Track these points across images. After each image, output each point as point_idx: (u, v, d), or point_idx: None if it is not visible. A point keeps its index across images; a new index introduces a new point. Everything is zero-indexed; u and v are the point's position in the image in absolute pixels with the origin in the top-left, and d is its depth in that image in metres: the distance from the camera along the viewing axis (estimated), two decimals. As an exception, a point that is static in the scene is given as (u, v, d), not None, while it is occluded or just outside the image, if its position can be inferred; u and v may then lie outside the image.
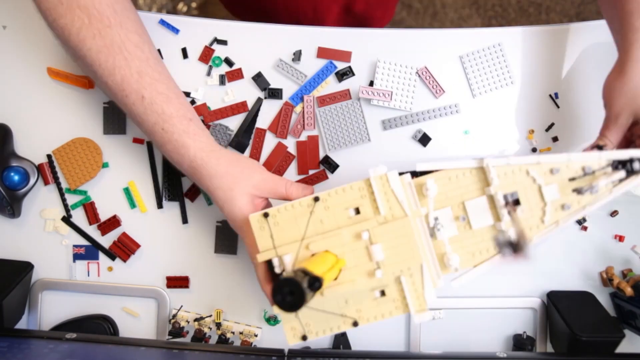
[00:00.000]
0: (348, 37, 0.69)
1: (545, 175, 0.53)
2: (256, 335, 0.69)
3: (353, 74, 0.69)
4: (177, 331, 0.69)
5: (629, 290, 0.66)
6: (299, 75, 0.68)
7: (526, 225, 0.54)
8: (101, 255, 0.70)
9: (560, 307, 0.68)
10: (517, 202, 0.53)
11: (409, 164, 0.66)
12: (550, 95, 0.70)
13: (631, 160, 0.52)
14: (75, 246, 0.70)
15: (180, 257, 0.70)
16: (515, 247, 0.47)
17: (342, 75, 0.68)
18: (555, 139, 0.70)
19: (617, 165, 0.53)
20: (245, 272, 0.70)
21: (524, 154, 0.70)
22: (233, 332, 0.69)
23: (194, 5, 1.58)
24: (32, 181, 0.68)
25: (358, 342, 0.70)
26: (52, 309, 0.70)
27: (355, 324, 0.54)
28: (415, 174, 0.54)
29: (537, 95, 0.70)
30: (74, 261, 0.70)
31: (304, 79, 0.68)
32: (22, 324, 0.69)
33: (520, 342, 0.69)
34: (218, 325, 0.69)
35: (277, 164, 0.68)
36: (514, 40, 0.69)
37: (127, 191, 0.69)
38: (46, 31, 0.68)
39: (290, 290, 0.42)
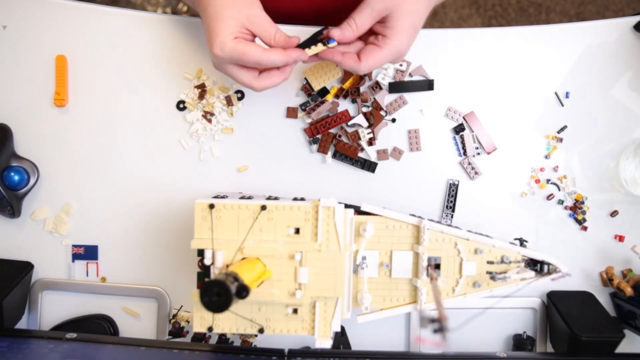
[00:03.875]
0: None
1: (469, 252, 0.59)
2: (256, 335, 0.69)
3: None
4: (177, 331, 0.69)
5: (629, 290, 0.66)
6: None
7: (438, 291, 0.58)
8: (100, 256, 0.70)
9: (560, 307, 0.68)
10: (438, 267, 0.59)
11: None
12: (555, 93, 0.70)
13: (542, 263, 0.59)
14: (74, 246, 0.70)
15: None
16: (436, 326, 0.48)
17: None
18: (559, 140, 0.70)
19: (530, 263, 0.60)
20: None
21: (534, 155, 0.70)
22: (233, 332, 0.69)
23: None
24: (32, 181, 0.68)
25: (358, 342, 0.70)
26: (52, 309, 0.70)
27: (261, 330, 0.56)
28: (358, 211, 0.58)
29: (537, 95, 0.70)
30: (73, 261, 0.70)
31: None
32: (22, 324, 0.69)
33: (520, 342, 0.69)
34: (218, 325, 0.69)
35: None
36: (514, 40, 0.69)
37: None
38: (47, 31, 0.68)
39: (218, 292, 0.43)
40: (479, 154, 0.70)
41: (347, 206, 0.56)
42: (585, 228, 0.71)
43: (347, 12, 0.57)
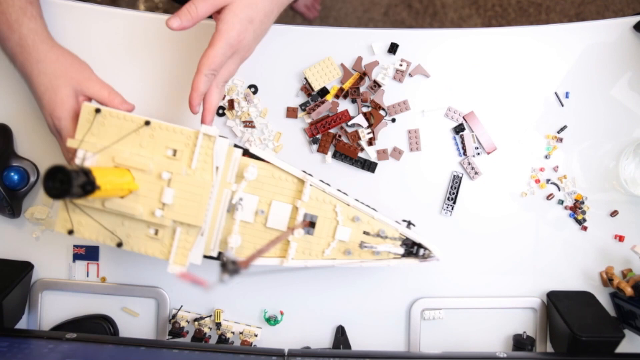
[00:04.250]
0: (350, 37, 0.69)
1: (347, 218, 0.58)
2: (256, 335, 0.69)
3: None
4: (177, 331, 0.69)
5: (628, 290, 0.66)
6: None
7: (308, 248, 0.58)
8: (101, 257, 0.70)
9: (560, 307, 0.68)
10: (312, 225, 0.58)
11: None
12: (555, 93, 0.70)
13: (419, 245, 0.58)
14: (75, 246, 0.70)
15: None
16: (232, 266, 0.45)
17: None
18: (559, 140, 0.70)
19: (406, 242, 0.59)
20: (245, 272, 0.70)
21: (536, 153, 0.70)
22: (233, 332, 0.69)
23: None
24: (32, 181, 0.68)
25: (358, 342, 0.70)
26: (52, 309, 0.70)
27: (119, 244, 0.56)
28: (247, 153, 0.58)
29: (537, 95, 0.70)
30: (73, 261, 0.70)
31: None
32: (22, 324, 0.69)
33: (520, 342, 0.69)
34: (218, 325, 0.69)
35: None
36: (514, 40, 0.69)
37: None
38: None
39: (62, 180, 0.43)
40: (478, 154, 0.70)
41: (237, 146, 0.57)
42: (585, 228, 0.71)
43: None
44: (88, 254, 0.70)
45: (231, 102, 0.68)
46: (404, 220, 0.61)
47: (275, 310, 0.70)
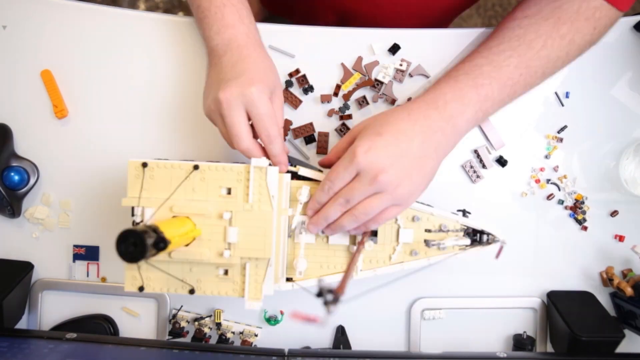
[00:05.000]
0: (348, 37, 0.69)
1: (407, 220, 0.59)
2: (256, 335, 0.69)
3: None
4: (177, 331, 0.69)
5: (629, 290, 0.66)
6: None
7: (375, 257, 0.59)
8: (101, 257, 0.70)
9: (560, 307, 0.68)
10: (374, 234, 0.58)
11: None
12: (556, 93, 0.70)
13: (482, 232, 0.59)
14: (75, 246, 0.70)
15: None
16: (330, 296, 0.45)
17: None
18: (560, 140, 0.70)
19: (469, 232, 0.59)
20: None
21: (536, 154, 0.70)
22: (233, 332, 0.69)
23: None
24: (32, 181, 0.68)
25: (358, 342, 0.70)
26: (52, 309, 0.70)
27: (192, 291, 0.56)
28: (295, 176, 0.58)
29: (537, 95, 0.70)
30: (73, 261, 0.70)
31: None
32: (22, 324, 0.69)
33: (520, 342, 0.69)
34: (218, 325, 0.69)
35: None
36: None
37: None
38: (46, 31, 0.68)
39: (134, 242, 0.42)
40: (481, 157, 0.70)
41: (288, 172, 0.57)
42: (585, 228, 0.71)
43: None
44: (88, 254, 0.70)
45: None
46: (459, 210, 0.61)
47: (275, 310, 0.70)
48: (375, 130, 0.53)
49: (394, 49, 0.68)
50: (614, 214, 0.71)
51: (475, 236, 0.59)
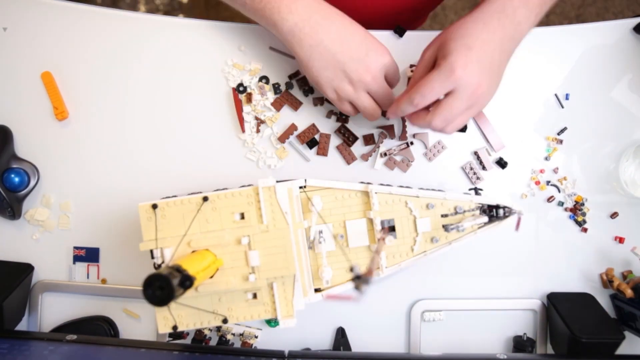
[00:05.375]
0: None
1: (421, 209, 0.59)
2: (256, 337, 0.69)
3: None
4: (177, 333, 0.69)
5: (629, 292, 0.66)
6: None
7: (397, 251, 0.59)
8: (101, 259, 0.70)
9: (560, 308, 0.68)
10: (392, 229, 0.58)
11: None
12: (555, 95, 0.70)
13: (497, 207, 0.59)
14: (75, 248, 0.70)
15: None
16: (359, 280, 0.47)
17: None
18: (559, 142, 0.70)
19: (485, 209, 0.59)
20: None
21: (536, 155, 0.70)
22: (233, 334, 0.69)
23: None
24: (32, 183, 0.68)
25: (358, 343, 0.70)
26: (52, 311, 0.70)
27: (225, 321, 0.56)
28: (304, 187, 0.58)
29: (537, 97, 0.70)
30: (74, 263, 0.70)
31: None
32: (22, 326, 0.69)
33: (520, 344, 0.69)
34: (218, 327, 0.69)
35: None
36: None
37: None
38: (47, 33, 0.68)
39: (161, 286, 0.43)
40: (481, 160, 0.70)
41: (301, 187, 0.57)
42: (585, 230, 0.71)
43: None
44: (88, 255, 0.70)
45: (249, 95, 0.68)
46: (471, 189, 0.61)
47: (275, 311, 0.70)
48: (464, 43, 0.53)
49: (400, 32, 0.68)
50: (614, 215, 0.71)
51: (492, 212, 0.59)
